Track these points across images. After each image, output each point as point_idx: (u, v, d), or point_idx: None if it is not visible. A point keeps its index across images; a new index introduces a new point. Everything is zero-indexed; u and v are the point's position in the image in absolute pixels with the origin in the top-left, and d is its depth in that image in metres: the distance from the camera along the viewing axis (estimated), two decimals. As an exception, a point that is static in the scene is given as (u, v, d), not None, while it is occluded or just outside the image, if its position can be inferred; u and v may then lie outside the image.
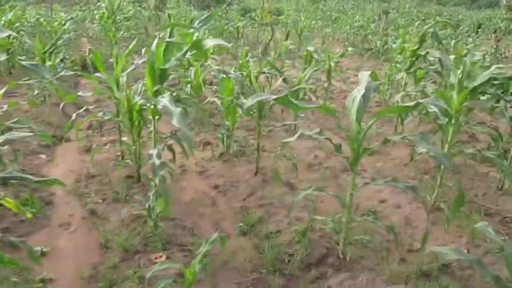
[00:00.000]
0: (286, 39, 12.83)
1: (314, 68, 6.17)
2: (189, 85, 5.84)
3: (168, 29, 3.36)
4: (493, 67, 3.57)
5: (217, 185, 4.47)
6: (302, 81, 5.70)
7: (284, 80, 5.57)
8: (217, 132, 5.16)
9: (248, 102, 2.67)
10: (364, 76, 2.94)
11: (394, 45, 7.42)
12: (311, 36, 15.88)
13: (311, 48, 6.83)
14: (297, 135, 3.00)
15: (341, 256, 3.24)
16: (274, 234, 3.56)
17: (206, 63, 5.62)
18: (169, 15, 13.40)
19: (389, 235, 3.39)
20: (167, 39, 3.06)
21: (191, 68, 5.62)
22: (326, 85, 6.67)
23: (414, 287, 3.04)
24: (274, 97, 2.71)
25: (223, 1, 14.54)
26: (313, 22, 17.55)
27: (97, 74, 4.17)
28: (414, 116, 5.54)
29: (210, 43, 2.83)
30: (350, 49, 7.26)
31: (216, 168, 4.84)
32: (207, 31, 12.46)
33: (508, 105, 5.78)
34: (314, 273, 3.12)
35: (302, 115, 6.75)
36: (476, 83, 3.50)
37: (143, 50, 3.85)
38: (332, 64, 6.60)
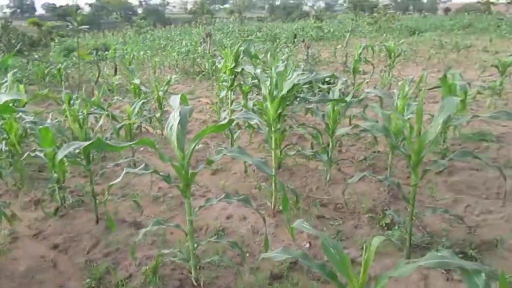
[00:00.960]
0: (115, 74, 12.51)
1: (143, 100, 6.09)
2: (4, 142, 5.23)
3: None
4: (294, 75, 3.95)
5: (56, 245, 4.07)
6: (131, 115, 5.57)
7: (113, 117, 5.39)
8: (45, 187, 4.73)
9: (59, 154, 2.48)
10: (175, 101, 2.98)
11: (219, 65, 7.76)
12: (142, 67, 15.77)
13: (136, 81, 6.74)
14: (121, 176, 2.89)
15: (195, 283, 3.22)
16: (125, 280, 3.38)
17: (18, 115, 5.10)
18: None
19: (244, 247, 3.52)
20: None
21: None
22: (158, 115, 6.64)
23: (268, 292, 3.16)
24: (87, 143, 2.58)
25: (38, 44, 13.49)
26: (142, 53, 17.43)
27: None
28: (243, 129, 5.84)
29: (3, 98, 2.57)
30: (174, 76, 7.37)
31: (52, 226, 4.41)
32: (24, 79, 11.46)
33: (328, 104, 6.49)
34: (171, 309, 3.03)
35: (142, 148, 6.61)
36: (283, 92, 3.83)
37: None
38: (161, 93, 6.61)
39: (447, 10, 56.20)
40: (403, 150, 3.49)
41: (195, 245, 3.17)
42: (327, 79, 8.85)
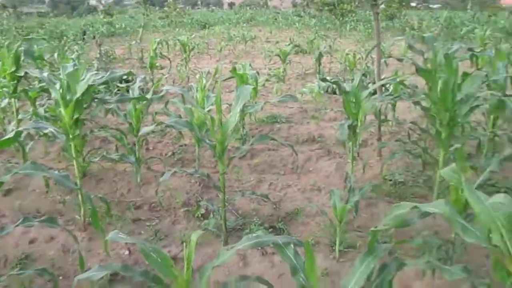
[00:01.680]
0: None
1: None
2: None
3: None
4: (88, 75, 3.68)
5: None
6: None
7: None
8: None
9: None
10: None
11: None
12: None
13: None
14: None
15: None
16: None
17: None
18: None
19: (56, 271, 3.15)
20: None
21: None
22: None
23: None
24: None
25: None
26: None
27: None
28: (36, 139, 5.21)
29: None
30: None
31: None
32: None
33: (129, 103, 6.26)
34: None
35: None
36: (78, 95, 3.54)
37: None
38: None
39: (231, 4, 60.49)
40: (208, 141, 3.62)
41: (-7, 283, 2.72)
42: (124, 77, 8.56)
